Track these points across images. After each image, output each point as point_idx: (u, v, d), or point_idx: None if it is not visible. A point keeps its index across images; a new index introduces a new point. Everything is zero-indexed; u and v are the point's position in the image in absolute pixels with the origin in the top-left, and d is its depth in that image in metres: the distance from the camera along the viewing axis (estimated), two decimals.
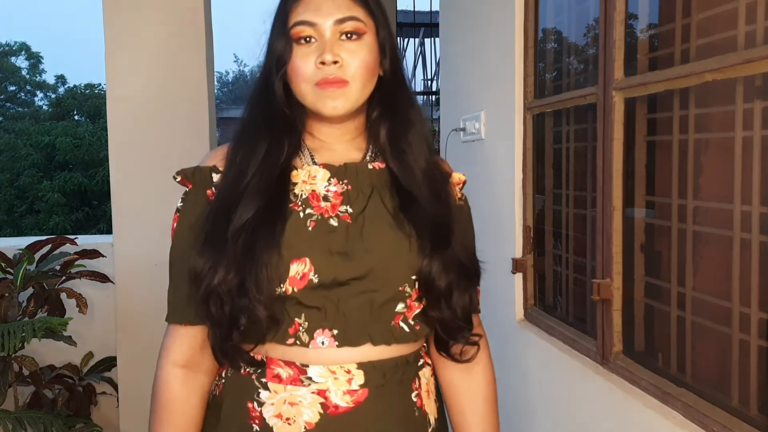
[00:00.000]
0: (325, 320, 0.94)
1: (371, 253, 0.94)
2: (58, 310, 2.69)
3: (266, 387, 0.96)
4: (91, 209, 14.73)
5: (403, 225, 0.97)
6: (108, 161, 2.74)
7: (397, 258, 0.96)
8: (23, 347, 2.32)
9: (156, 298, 1.97)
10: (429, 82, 10.56)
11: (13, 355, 2.49)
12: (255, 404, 0.96)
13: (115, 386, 2.86)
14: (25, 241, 3.02)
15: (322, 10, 0.96)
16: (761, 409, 1.07)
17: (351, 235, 0.95)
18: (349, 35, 0.96)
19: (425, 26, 9.09)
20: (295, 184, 0.98)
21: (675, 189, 1.30)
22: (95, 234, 12.57)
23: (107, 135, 2.70)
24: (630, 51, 1.44)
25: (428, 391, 1.04)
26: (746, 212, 1.10)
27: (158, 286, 1.65)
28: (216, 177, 1.00)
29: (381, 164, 1.03)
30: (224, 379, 1.01)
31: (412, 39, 11.01)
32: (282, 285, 0.93)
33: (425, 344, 1.07)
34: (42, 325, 2.29)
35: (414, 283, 0.97)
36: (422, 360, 1.04)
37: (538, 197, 1.95)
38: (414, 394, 1.00)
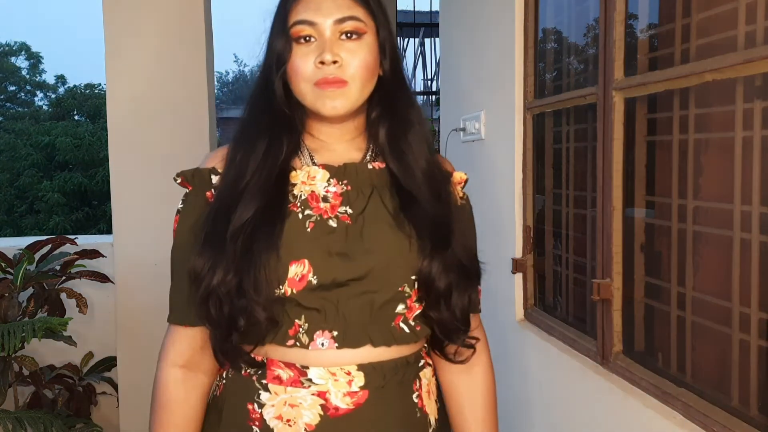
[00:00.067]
0: (325, 322, 0.93)
1: (371, 254, 0.94)
2: (58, 310, 2.69)
3: (266, 388, 0.96)
4: (91, 209, 14.73)
5: (403, 225, 0.96)
6: (108, 161, 2.74)
7: (397, 258, 0.95)
8: (23, 347, 2.33)
9: (156, 298, 1.97)
10: (429, 82, 10.56)
11: (13, 355, 2.49)
12: (255, 405, 0.96)
13: (115, 386, 2.86)
14: (25, 241, 3.02)
15: (322, 10, 0.95)
16: (761, 409, 1.07)
17: (350, 236, 0.95)
18: (349, 35, 0.96)
19: (425, 26, 9.09)
20: (294, 185, 0.98)
21: (675, 189, 1.30)
22: (95, 234, 12.57)
23: (107, 135, 2.70)
24: (630, 51, 1.44)
25: (429, 392, 1.04)
26: (746, 212, 1.10)
27: (158, 286, 1.66)
28: (215, 179, 0.99)
29: (381, 164, 1.02)
30: (225, 380, 1.01)
31: (412, 39, 11.01)
32: (281, 286, 0.92)
33: (426, 345, 1.06)
34: (42, 325, 2.29)
35: (414, 284, 0.97)
36: (423, 360, 1.03)
37: (538, 197, 1.95)
38: (415, 395, 1.00)
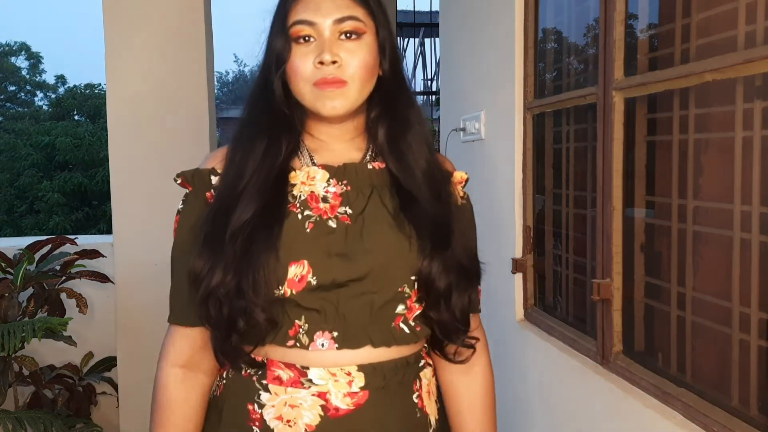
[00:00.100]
0: (325, 322, 0.93)
1: (370, 254, 0.94)
2: (58, 310, 2.69)
3: (267, 389, 0.96)
4: (91, 209, 14.74)
5: (403, 225, 0.96)
6: (108, 161, 2.74)
7: (397, 259, 0.95)
8: (23, 347, 2.33)
9: (156, 298, 1.97)
10: (429, 82, 10.55)
11: (13, 355, 2.49)
12: (255, 406, 0.96)
13: (115, 386, 2.86)
14: (25, 241, 3.02)
15: (322, 10, 0.95)
16: (761, 409, 1.07)
17: (350, 237, 0.94)
18: (349, 35, 0.95)
19: (425, 26, 9.09)
20: (294, 186, 0.98)
21: (675, 189, 1.30)
22: (95, 234, 12.58)
23: (107, 135, 2.71)
24: (630, 51, 1.44)
25: (429, 392, 1.04)
26: (746, 212, 1.10)
27: (158, 286, 1.65)
28: (215, 179, 0.99)
29: (381, 164, 1.02)
30: (225, 380, 1.01)
31: (412, 39, 11.01)
32: (280, 287, 0.92)
33: (426, 345, 1.06)
34: (42, 325, 2.29)
35: (413, 284, 0.96)
36: (423, 361, 1.03)
37: (538, 197, 1.95)
38: (415, 396, 1.00)
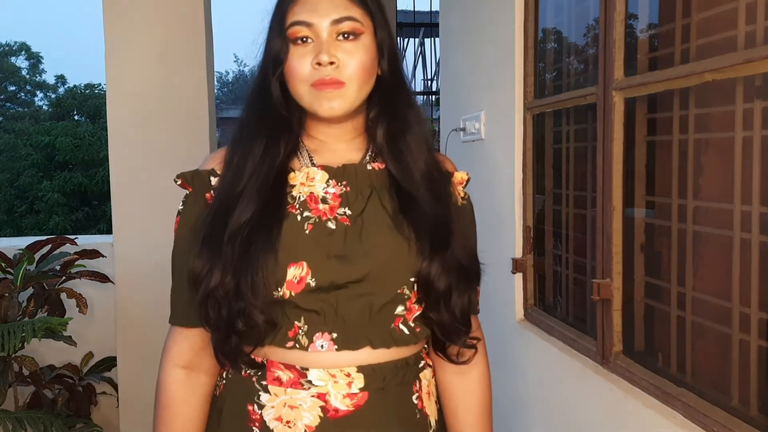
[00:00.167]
0: (324, 324, 0.93)
1: (369, 256, 0.94)
2: (58, 310, 2.69)
3: (266, 390, 0.96)
4: (91, 209, 14.75)
5: (402, 227, 0.96)
6: (108, 161, 2.74)
7: (396, 261, 0.95)
8: (23, 347, 2.33)
9: (156, 298, 1.97)
10: (429, 82, 10.56)
11: (13, 355, 2.49)
12: (255, 407, 0.96)
13: (115, 386, 2.86)
14: (25, 241, 3.02)
15: (319, 10, 0.95)
16: (761, 409, 1.07)
17: (349, 238, 0.94)
18: (346, 35, 0.95)
19: (425, 26, 9.10)
20: (293, 186, 0.98)
21: (675, 189, 1.30)
22: (95, 234, 12.58)
23: (107, 135, 2.70)
24: (630, 51, 1.44)
25: (429, 393, 1.04)
26: (746, 212, 1.10)
27: (158, 286, 1.66)
28: (214, 180, 0.99)
29: (381, 165, 1.02)
30: (225, 380, 1.01)
31: (412, 39, 11.01)
32: (279, 289, 0.92)
33: (426, 346, 1.06)
34: (42, 325, 2.29)
35: (413, 286, 0.96)
36: (423, 362, 1.03)
37: (538, 197, 1.95)
38: (415, 396, 1.00)
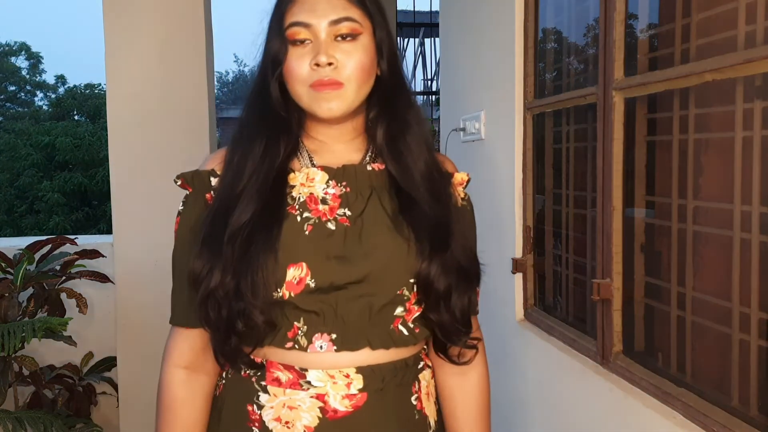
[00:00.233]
0: (324, 324, 0.93)
1: (369, 257, 0.94)
2: (58, 310, 2.69)
3: (265, 390, 0.96)
4: (91, 209, 14.75)
5: (402, 228, 0.96)
6: (108, 161, 2.74)
7: (396, 261, 0.95)
8: (23, 347, 2.33)
9: (156, 298, 1.97)
10: (429, 82, 10.56)
11: (13, 355, 2.49)
12: (255, 407, 0.96)
13: (115, 386, 2.86)
14: (25, 241, 3.02)
15: (317, 11, 0.94)
16: (761, 409, 1.07)
17: (349, 239, 0.94)
18: (345, 36, 0.95)
19: (425, 26, 9.10)
20: (293, 187, 0.98)
21: (675, 189, 1.30)
22: (95, 234, 12.58)
23: (107, 135, 2.70)
24: (630, 51, 1.44)
25: (428, 394, 1.04)
26: (746, 212, 1.10)
27: (158, 286, 1.66)
28: (214, 181, 0.99)
29: (380, 165, 1.02)
30: (225, 380, 1.01)
31: (412, 39, 11.01)
32: (279, 290, 0.92)
33: (426, 347, 1.06)
34: (42, 325, 2.29)
35: (412, 287, 0.96)
36: (422, 362, 1.03)
37: (538, 197, 1.95)
38: (414, 397, 1.00)
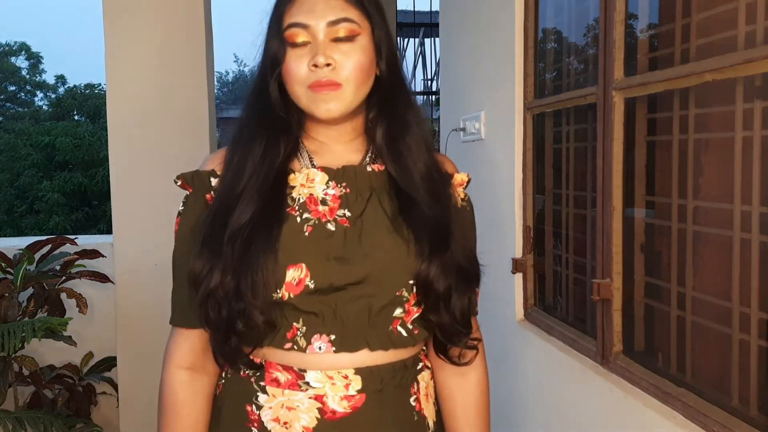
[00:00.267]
0: (323, 325, 0.93)
1: (369, 258, 0.93)
2: (58, 310, 2.69)
3: (264, 390, 0.96)
4: (91, 209, 14.75)
5: (402, 229, 0.95)
6: (108, 161, 2.74)
7: (395, 262, 0.95)
8: (23, 347, 2.33)
9: (156, 298, 1.97)
10: (429, 82, 10.56)
11: (13, 355, 2.49)
12: (254, 407, 0.96)
13: (115, 386, 2.86)
14: (25, 241, 3.02)
15: (315, 12, 0.94)
16: (761, 409, 1.07)
17: (348, 240, 0.94)
18: (343, 37, 0.95)
19: (425, 26, 9.10)
20: (293, 188, 0.98)
21: (675, 189, 1.30)
22: (95, 234, 12.58)
23: (107, 135, 2.71)
24: (630, 51, 1.44)
25: (427, 395, 1.04)
26: (746, 212, 1.10)
27: (158, 286, 1.66)
28: (214, 181, 0.99)
29: (380, 166, 1.01)
30: (224, 380, 1.01)
31: (412, 39, 11.01)
32: (278, 290, 0.92)
33: (424, 347, 1.06)
34: (42, 325, 2.29)
35: (411, 288, 0.96)
36: (421, 364, 1.03)
37: (538, 197, 1.95)
38: (412, 399, 1.00)
